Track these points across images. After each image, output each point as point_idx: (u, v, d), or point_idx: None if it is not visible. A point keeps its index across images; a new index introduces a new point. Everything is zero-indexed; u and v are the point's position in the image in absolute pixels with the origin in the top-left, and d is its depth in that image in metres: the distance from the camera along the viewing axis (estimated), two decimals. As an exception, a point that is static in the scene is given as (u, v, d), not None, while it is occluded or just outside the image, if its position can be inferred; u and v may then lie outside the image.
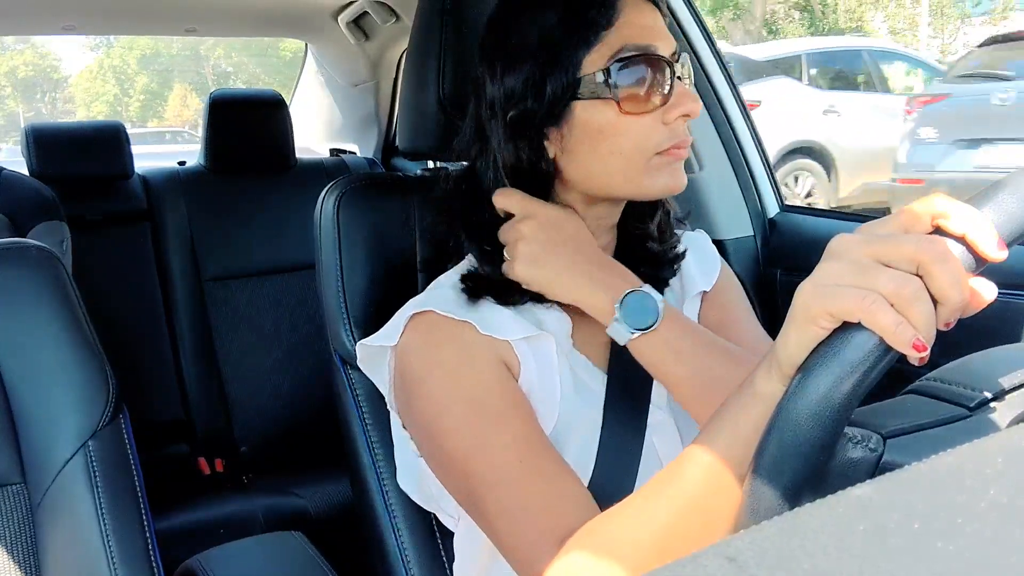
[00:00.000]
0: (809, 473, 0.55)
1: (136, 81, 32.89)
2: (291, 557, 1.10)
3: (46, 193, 2.11)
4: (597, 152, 0.89)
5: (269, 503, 2.10)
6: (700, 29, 1.64)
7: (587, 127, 0.89)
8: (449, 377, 0.88)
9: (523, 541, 0.80)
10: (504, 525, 0.82)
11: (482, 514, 0.85)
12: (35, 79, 34.29)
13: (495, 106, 0.91)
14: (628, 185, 0.91)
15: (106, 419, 0.96)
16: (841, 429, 0.55)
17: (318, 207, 1.13)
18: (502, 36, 0.92)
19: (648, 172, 0.90)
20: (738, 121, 1.68)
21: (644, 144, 0.88)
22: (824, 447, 0.55)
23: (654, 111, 0.88)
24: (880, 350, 0.54)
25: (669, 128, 0.89)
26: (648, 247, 1.01)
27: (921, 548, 0.29)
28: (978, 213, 0.55)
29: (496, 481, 0.83)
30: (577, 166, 0.91)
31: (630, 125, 0.88)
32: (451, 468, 0.87)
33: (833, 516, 0.32)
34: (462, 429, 0.85)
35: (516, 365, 0.90)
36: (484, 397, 0.86)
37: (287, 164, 2.52)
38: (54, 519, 0.92)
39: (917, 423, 0.60)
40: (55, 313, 0.96)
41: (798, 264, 1.58)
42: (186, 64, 32.45)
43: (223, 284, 2.39)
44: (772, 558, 0.29)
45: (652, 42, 0.88)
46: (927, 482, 0.35)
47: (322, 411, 1.35)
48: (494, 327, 0.89)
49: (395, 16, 2.36)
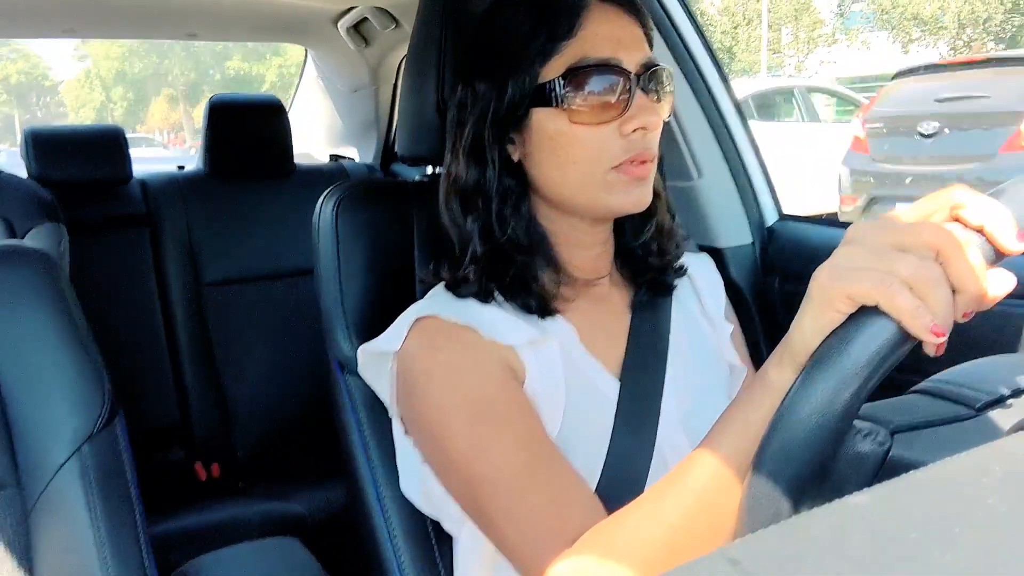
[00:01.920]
0: (815, 466, 0.55)
1: (115, 91, 35.31)
2: (287, 562, 1.09)
3: (44, 196, 2.11)
4: (555, 160, 0.91)
5: (265, 509, 2.10)
6: (699, 37, 1.64)
7: (542, 134, 0.91)
8: (452, 380, 0.87)
9: (529, 545, 0.80)
10: (510, 529, 0.82)
11: (487, 518, 0.85)
12: (28, 86, 37.11)
13: (466, 107, 0.94)
14: (585, 198, 0.92)
15: (101, 423, 0.95)
16: (853, 416, 0.55)
17: (317, 212, 1.13)
18: (479, 42, 0.95)
19: (605, 187, 0.91)
20: (736, 129, 1.67)
21: (598, 155, 0.89)
22: (833, 438, 0.55)
23: (608, 123, 0.89)
24: (897, 337, 0.53)
25: (626, 141, 0.89)
26: (649, 262, 1.02)
27: (920, 557, 0.29)
28: (997, 204, 0.55)
29: (501, 485, 0.82)
30: (539, 172, 0.93)
31: (583, 135, 0.89)
32: (455, 472, 0.87)
33: (830, 525, 0.32)
34: (466, 432, 0.85)
35: (521, 370, 0.90)
36: (488, 400, 0.86)
37: (286, 169, 2.52)
38: (48, 524, 0.92)
39: (924, 420, 0.61)
40: (51, 317, 0.96)
41: (797, 272, 1.58)
42: (159, 78, 34.77)
43: (221, 289, 2.39)
44: (773, 566, 0.29)
45: (614, 54, 0.89)
46: (925, 491, 0.35)
47: (319, 417, 1.35)
48: (498, 332, 0.89)
49: (395, 22, 2.36)
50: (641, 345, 0.98)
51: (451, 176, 0.96)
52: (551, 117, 0.90)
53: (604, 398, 0.94)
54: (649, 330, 1.00)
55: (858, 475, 0.59)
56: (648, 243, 1.02)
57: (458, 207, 0.95)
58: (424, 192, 1.11)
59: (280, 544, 1.13)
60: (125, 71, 34.60)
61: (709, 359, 1.04)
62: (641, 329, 1.00)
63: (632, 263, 1.03)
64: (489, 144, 0.93)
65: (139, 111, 35.32)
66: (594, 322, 0.98)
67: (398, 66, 2.65)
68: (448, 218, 0.96)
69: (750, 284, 1.63)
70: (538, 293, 0.93)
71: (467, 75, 0.95)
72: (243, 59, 31.91)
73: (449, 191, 0.96)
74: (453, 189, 0.96)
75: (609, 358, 0.97)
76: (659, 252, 1.02)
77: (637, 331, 0.99)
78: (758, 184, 1.69)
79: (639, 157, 0.90)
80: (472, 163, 0.94)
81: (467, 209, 0.95)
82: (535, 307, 0.93)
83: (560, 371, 0.91)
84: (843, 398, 0.54)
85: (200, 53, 32.82)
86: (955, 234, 0.54)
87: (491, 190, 0.94)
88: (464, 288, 0.94)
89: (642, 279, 1.02)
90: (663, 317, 1.02)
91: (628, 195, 0.91)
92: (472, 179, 0.94)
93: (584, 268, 0.98)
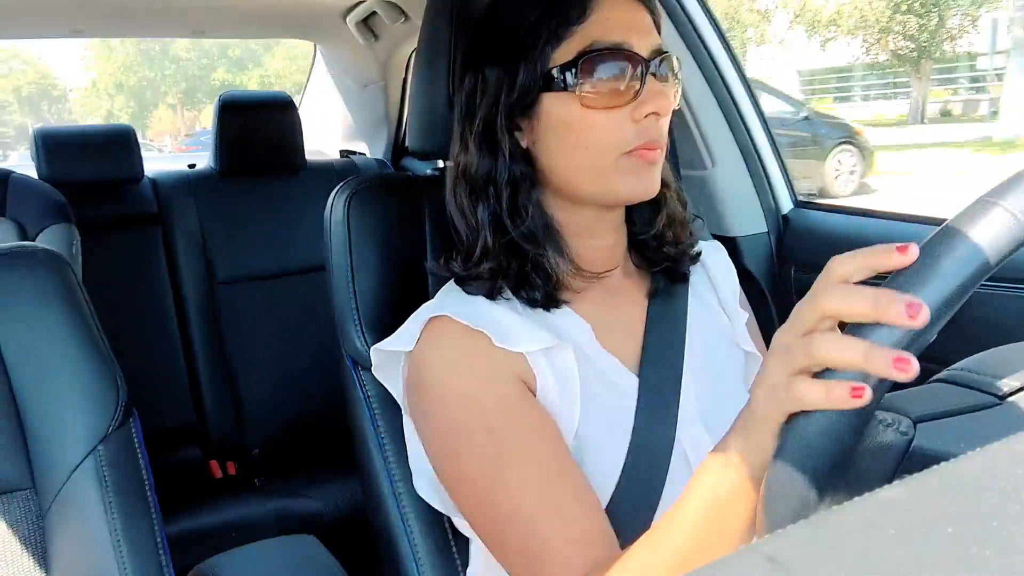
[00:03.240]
0: (836, 458, 0.55)
1: (117, 99, 38.18)
2: (303, 560, 1.09)
3: (55, 197, 2.11)
4: (564, 146, 0.90)
5: (281, 506, 2.10)
6: (712, 24, 1.62)
7: (553, 120, 0.90)
8: (468, 400, 0.86)
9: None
10: (522, 561, 0.81)
11: (499, 545, 0.84)
12: (39, 96, 40.02)
13: (475, 95, 0.93)
14: (595, 184, 0.91)
15: (116, 423, 0.95)
16: (874, 407, 0.55)
17: (328, 208, 1.13)
18: (488, 28, 0.94)
19: (616, 172, 0.90)
20: (750, 117, 1.66)
21: (609, 141, 0.88)
22: (854, 429, 0.55)
23: (620, 108, 0.88)
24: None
25: (638, 126, 0.88)
26: (663, 252, 1.01)
27: (957, 554, 0.28)
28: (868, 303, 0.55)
29: (516, 516, 0.81)
30: (548, 159, 0.92)
31: (594, 121, 0.88)
32: (468, 494, 0.86)
33: (862, 520, 0.31)
34: (482, 458, 0.84)
35: (532, 379, 0.89)
36: (505, 425, 0.85)
37: (297, 166, 2.52)
38: (64, 524, 0.92)
39: (947, 409, 0.60)
40: (64, 317, 0.96)
41: (813, 261, 1.57)
42: (154, 89, 38.49)
43: (234, 287, 2.39)
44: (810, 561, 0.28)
45: (626, 39, 0.88)
46: (958, 484, 0.34)
47: (334, 413, 1.34)
48: (509, 338, 0.88)
49: (404, 16, 2.35)
50: (658, 337, 0.97)
51: (460, 166, 0.95)
52: (562, 102, 0.89)
53: (623, 395, 0.93)
54: (666, 321, 0.99)
55: (881, 466, 0.58)
56: (661, 233, 1.00)
57: (467, 198, 0.94)
58: (435, 186, 1.10)
59: (297, 542, 1.13)
60: (123, 83, 37.56)
61: (725, 347, 1.03)
62: (658, 320, 0.99)
63: (646, 254, 1.02)
64: (500, 131, 0.92)
65: (143, 118, 37.83)
66: (610, 317, 0.97)
67: (408, 60, 2.65)
68: (456, 209, 0.95)
69: (765, 273, 1.62)
70: (546, 285, 0.92)
71: (476, 62, 0.94)
72: (227, 71, 36.52)
73: (458, 181, 0.95)
74: (463, 179, 0.95)
75: (626, 353, 0.96)
76: (673, 241, 1.01)
77: (653, 323, 0.98)
78: (772, 172, 1.68)
79: (651, 144, 0.89)
80: (483, 152, 0.93)
81: (477, 199, 0.93)
82: (541, 299, 0.92)
83: (575, 376, 0.90)
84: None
85: (188, 66, 37.53)
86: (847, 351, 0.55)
87: (501, 179, 0.93)
88: (474, 284, 0.93)
89: (657, 269, 1.01)
90: (679, 307, 1.01)
91: (639, 181, 0.90)
92: (483, 168, 0.93)
93: (596, 260, 0.97)
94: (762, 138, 1.67)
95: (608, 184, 0.90)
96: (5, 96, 38.68)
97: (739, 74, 1.67)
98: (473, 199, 0.94)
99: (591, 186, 0.91)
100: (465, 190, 0.94)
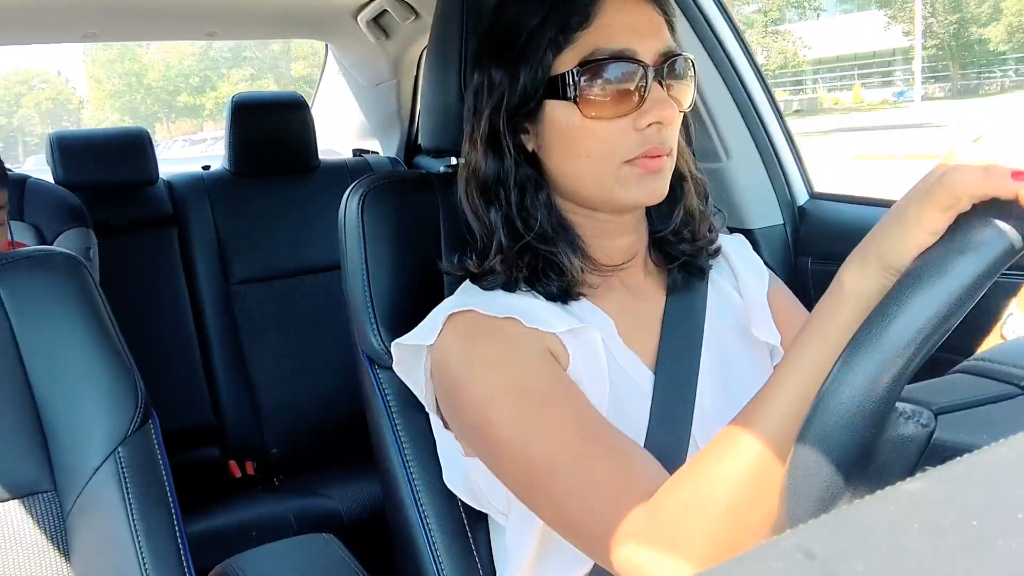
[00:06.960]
0: (858, 450, 0.54)
1: (111, 118, 44.79)
2: (323, 559, 1.09)
3: (72, 200, 2.12)
4: (568, 152, 0.90)
5: (300, 505, 2.11)
6: (724, 16, 1.61)
7: (555, 126, 0.89)
8: (491, 369, 0.86)
9: (595, 516, 0.76)
10: (574, 507, 0.78)
11: (546, 499, 0.81)
12: (57, 110, 46.56)
13: (481, 95, 0.93)
14: (598, 191, 0.90)
15: (135, 425, 0.96)
16: (895, 397, 0.54)
17: (342, 207, 1.13)
18: (494, 28, 0.93)
19: (619, 181, 0.89)
20: (765, 108, 1.65)
21: (611, 149, 0.87)
22: (874, 421, 0.54)
23: (623, 117, 0.87)
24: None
25: (641, 134, 0.87)
26: (681, 248, 0.99)
27: (983, 547, 0.28)
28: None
29: (561, 465, 0.79)
30: (552, 164, 0.92)
31: (596, 129, 0.87)
32: (506, 459, 0.84)
33: (885, 513, 0.31)
34: (512, 418, 0.83)
35: (565, 357, 0.88)
36: (529, 382, 0.84)
37: (310, 165, 2.53)
38: (85, 526, 0.92)
39: (968, 400, 0.59)
40: (82, 320, 0.96)
41: (829, 252, 1.56)
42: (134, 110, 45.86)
43: (250, 287, 2.40)
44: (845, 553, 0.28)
45: (629, 44, 0.86)
46: (982, 475, 0.33)
47: (351, 412, 1.35)
48: (540, 320, 0.88)
49: (415, 13, 2.35)
50: (675, 333, 0.96)
51: (470, 166, 0.95)
52: (564, 110, 0.88)
53: (640, 392, 0.92)
54: (684, 316, 0.98)
55: (902, 458, 0.58)
56: (679, 228, 0.99)
57: (479, 199, 0.94)
58: (449, 183, 1.10)
59: (316, 541, 1.13)
60: (111, 105, 44.25)
61: (746, 343, 1.02)
62: (675, 316, 0.98)
63: (664, 249, 1.01)
64: (504, 134, 0.91)
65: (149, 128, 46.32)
66: (630, 313, 0.96)
67: (419, 58, 2.65)
68: (469, 209, 0.95)
69: (782, 265, 1.61)
70: (561, 280, 0.92)
71: (483, 61, 0.94)
72: (188, 94, 45.08)
73: (469, 181, 0.95)
74: (473, 179, 0.94)
75: (644, 349, 0.95)
76: (692, 237, 1.00)
77: (671, 318, 0.97)
78: (787, 163, 1.67)
79: (654, 152, 0.88)
80: (490, 153, 0.92)
81: (488, 200, 0.93)
82: (558, 293, 0.92)
83: (603, 357, 0.90)
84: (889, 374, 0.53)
85: (159, 92, 45.57)
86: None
87: (510, 181, 0.92)
88: (490, 280, 0.93)
89: (675, 264, 1.00)
90: (698, 302, 1.00)
91: (642, 189, 0.89)
92: (492, 170, 0.93)
93: (613, 257, 0.96)
94: (776, 129, 1.66)
95: (611, 192, 0.90)
96: (28, 111, 45.32)
97: (752, 65, 1.66)
98: (484, 200, 0.93)
99: (594, 192, 0.91)
100: (476, 190, 0.94)
